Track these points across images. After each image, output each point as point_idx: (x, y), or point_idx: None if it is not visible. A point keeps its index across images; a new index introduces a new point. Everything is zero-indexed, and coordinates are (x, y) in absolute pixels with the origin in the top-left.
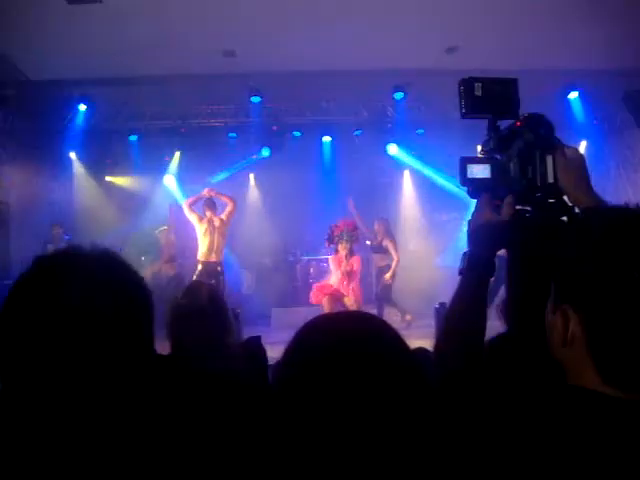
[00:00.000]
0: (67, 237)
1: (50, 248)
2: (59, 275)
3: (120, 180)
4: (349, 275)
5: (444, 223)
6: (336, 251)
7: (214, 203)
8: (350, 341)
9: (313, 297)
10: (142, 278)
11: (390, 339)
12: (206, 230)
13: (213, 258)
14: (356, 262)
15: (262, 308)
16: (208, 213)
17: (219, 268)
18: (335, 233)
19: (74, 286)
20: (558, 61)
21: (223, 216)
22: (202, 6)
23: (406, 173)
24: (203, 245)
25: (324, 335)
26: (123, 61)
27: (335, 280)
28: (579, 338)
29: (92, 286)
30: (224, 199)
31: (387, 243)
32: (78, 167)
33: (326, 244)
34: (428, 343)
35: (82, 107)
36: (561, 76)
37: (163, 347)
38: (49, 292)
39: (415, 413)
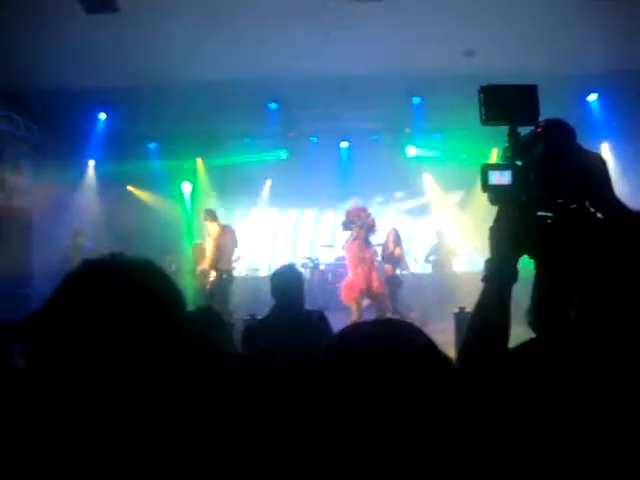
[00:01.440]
0: (88, 245)
1: (71, 255)
2: (103, 282)
3: (140, 192)
4: (364, 261)
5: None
6: (354, 238)
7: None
8: (384, 349)
9: (344, 297)
10: (180, 289)
11: (423, 344)
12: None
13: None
14: (369, 253)
15: None
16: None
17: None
18: (350, 218)
19: (116, 294)
20: (577, 63)
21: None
22: (217, 12)
23: (426, 176)
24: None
25: (358, 344)
26: (141, 69)
27: (354, 273)
28: None
29: (133, 295)
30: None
31: (398, 252)
32: (97, 175)
33: (341, 229)
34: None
35: (102, 115)
36: (580, 78)
37: None
38: (92, 297)
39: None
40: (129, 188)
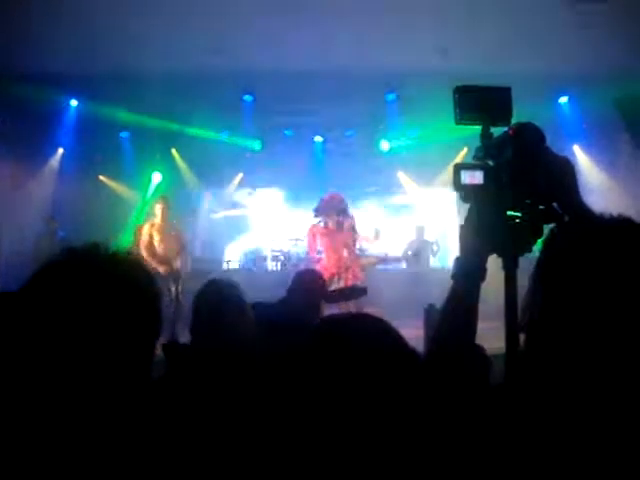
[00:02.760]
0: (61, 234)
1: (43, 242)
2: (75, 273)
3: (111, 182)
4: (335, 244)
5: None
6: (325, 224)
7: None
8: (353, 345)
9: None
10: (154, 278)
11: (392, 340)
12: None
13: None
14: (342, 237)
15: None
16: None
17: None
18: (323, 205)
19: (96, 283)
20: (549, 65)
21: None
22: (193, 3)
23: (400, 173)
24: None
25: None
26: (115, 57)
27: (326, 257)
28: None
29: (114, 284)
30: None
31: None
32: (67, 163)
33: (314, 214)
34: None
35: (73, 102)
36: (551, 80)
37: None
38: (63, 290)
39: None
40: (101, 177)
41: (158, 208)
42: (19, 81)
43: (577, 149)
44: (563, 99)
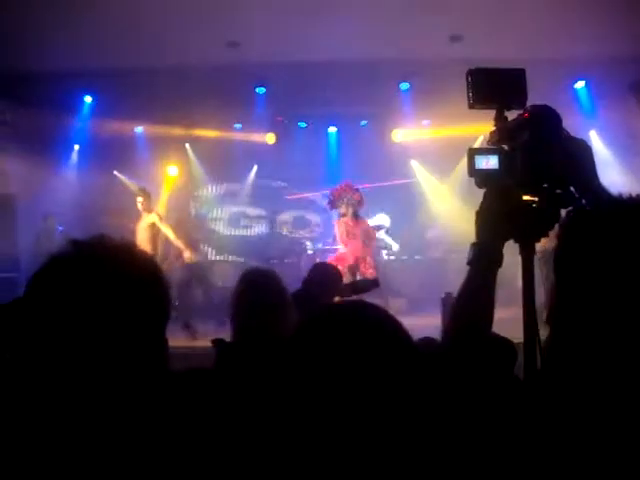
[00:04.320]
0: (60, 228)
1: (43, 239)
2: (82, 265)
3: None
4: (354, 237)
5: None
6: (342, 215)
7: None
8: (351, 333)
9: None
10: (162, 272)
11: (391, 329)
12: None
13: None
14: (358, 229)
15: None
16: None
17: None
18: (335, 196)
19: (100, 276)
20: (564, 50)
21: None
22: None
23: (413, 163)
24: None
25: (326, 328)
26: (129, 52)
27: (344, 249)
28: None
29: (117, 278)
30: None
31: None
32: (82, 160)
33: (328, 207)
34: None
35: (88, 99)
36: (568, 65)
37: None
38: (70, 282)
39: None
40: (115, 173)
41: (139, 201)
42: (33, 78)
43: (593, 135)
44: (580, 84)
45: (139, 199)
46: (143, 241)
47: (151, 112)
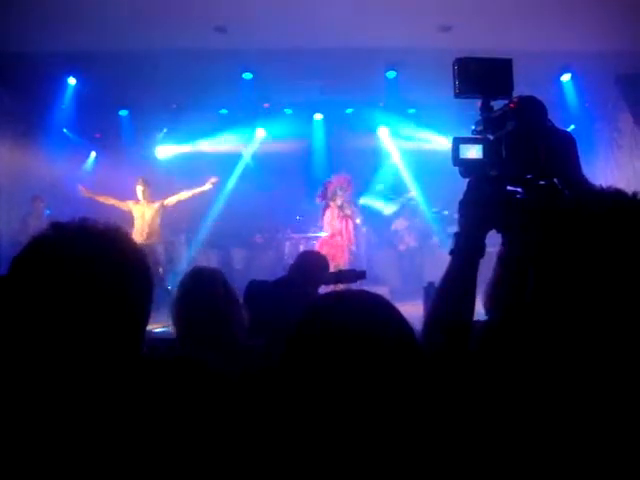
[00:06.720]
0: (48, 212)
1: (30, 221)
2: (64, 249)
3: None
4: (339, 233)
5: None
6: (327, 206)
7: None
8: (355, 322)
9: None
10: (145, 256)
11: (394, 318)
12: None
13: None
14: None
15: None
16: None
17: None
18: (329, 189)
19: (79, 260)
20: (551, 42)
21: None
22: None
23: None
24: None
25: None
26: (114, 34)
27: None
28: None
29: (94, 261)
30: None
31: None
32: (66, 142)
33: (318, 200)
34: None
35: (71, 80)
36: (554, 58)
37: None
38: (51, 265)
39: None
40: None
41: (139, 189)
42: (16, 59)
43: (578, 127)
44: (566, 77)
45: (139, 188)
46: (151, 227)
47: (136, 96)
